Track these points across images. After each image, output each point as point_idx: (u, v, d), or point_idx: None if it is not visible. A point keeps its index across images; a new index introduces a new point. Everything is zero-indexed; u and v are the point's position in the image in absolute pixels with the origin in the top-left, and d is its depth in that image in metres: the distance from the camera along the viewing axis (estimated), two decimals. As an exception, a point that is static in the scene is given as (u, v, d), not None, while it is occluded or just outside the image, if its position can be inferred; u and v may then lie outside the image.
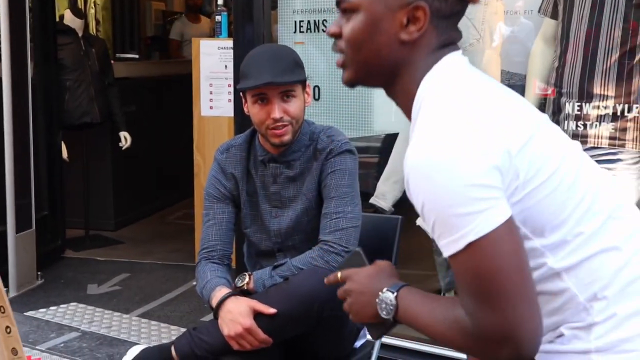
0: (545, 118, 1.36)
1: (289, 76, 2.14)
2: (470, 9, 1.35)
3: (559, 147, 1.29)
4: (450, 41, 1.31)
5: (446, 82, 1.27)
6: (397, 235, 2.41)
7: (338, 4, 1.36)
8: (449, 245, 1.18)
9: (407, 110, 1.33)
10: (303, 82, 2.21)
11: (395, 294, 1.31)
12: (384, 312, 1.31)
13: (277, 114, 2.14)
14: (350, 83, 1.39)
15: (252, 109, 2.20)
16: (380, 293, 1.32)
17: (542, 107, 2.90)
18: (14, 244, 4.16)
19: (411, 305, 1.29)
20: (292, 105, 2.17)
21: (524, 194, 1.20)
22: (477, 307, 1.16)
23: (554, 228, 1.23)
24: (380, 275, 1.39)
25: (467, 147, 1.16)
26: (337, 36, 1.36)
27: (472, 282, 1.17)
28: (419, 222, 3.19)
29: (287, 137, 2.19)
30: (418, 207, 1.21)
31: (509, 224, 1.17)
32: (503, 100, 1.28)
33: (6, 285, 4.14)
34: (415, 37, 1.27)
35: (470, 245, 1.15)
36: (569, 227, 1.24)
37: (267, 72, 2.11)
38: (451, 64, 1.30)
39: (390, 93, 1.37)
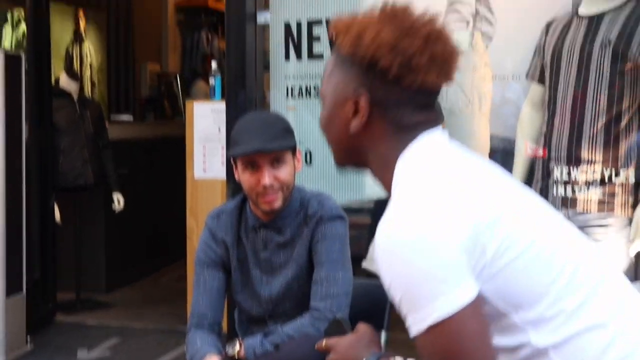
0: (525, 191, 1.37)
1: (278, 143, 2.16)
2: (459, 75, 1.38)
3: (535, 222, 1.29)
4: (419, 123, 1.34)
5: (417, 164, 1.30)
6: (388, 301, 2.40)
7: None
8: (413, 326, 1.19)
9: (389, 193, 1.36)
10: (293, 149, 2.23)
11: None
12: None
13: (267, 180, 2.15)
14: (336, 164, 1.47)
15: (243, 176, 2.21)
16: None
17: (532, 170, 2.93)
18: (3, 308, 4.12)
19: None
20: (282, 171, 2.18)
21: (495, 270, 1.20)
22: None
23: (533, 303, 1.22)
24: (359, 344, 1.43)
25: (433, 228, 1.18)
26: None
27: None
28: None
29: (277, 204, 2.20)
30: (385, 285, 1.23)
31: (474, 305, 1.17)
32: (476, 179, 1.29)
33: (-5, 350, 4.09)
34: (360, 126, 1.33)
35: (433, 327, 1.17)
36: (549, 302, 1.23)
37: (257, 139, 2.13)
38: (425, 145, 1.32)
39: (372, 175, 1.41)
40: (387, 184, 1.36)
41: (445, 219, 1.19)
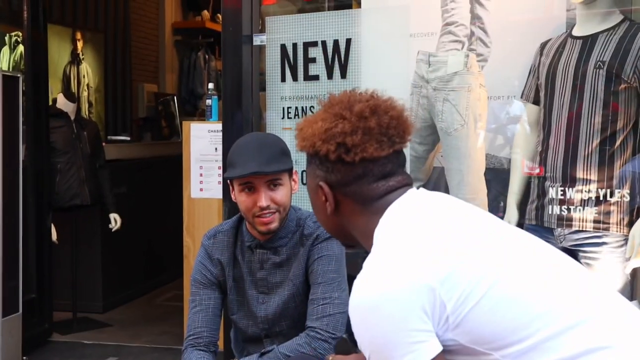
0: (491, 228, 1.41)
1: (275, 165, 2.17)
2: (454, 95, 1.43)
3: (501, 261, 1.32)
4: (383, 192, 1.44)
5: (383, 233, 1.40)
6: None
7: None
8: None
9: None
10: (290, 170, 2.24)
11: None
12: None
13: (263, 202, 2.16)
14: (344, 247, 1.68)
15: (239, 197, 2.22)
16: None
17: (527, 189, 2.95)
18: (0, 327, 4.10)
19: None
20: (278, 193, 2.19)
21: (460, 318, 1.27)
22: None
23: (508, 340, 1.26)
24: None
25: (390, 294, 1.26)
26: None
27: None
28: None
29: (274, 225, 2.21)
30: (358, 342, 1.32)
31: None
32: (433, 236, 1.35)
33: (-10, 370, 4.08)
34: (332, 210, 1.48)
35: None
36: (524, 335, 1.25)
37: (254, 162, 2.14)
38: (390, 214, 1.42)
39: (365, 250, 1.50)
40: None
41: (402, 284, 1.27)
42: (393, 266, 1.30)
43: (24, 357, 4.35)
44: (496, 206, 3.06)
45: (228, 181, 2.29)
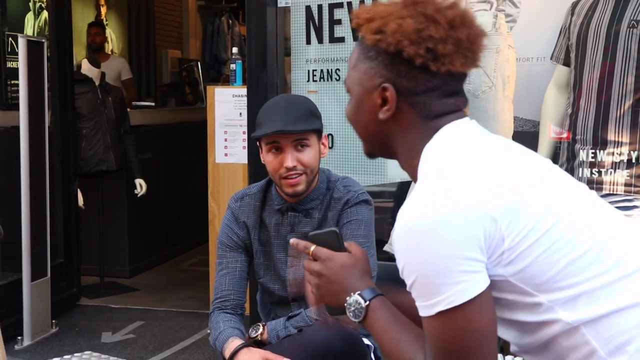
0: (550, 169, 1.35)
1: (301, 125, 2.14)
2: (482, 57, 1.37)
3: (558, 202, 1.27)
4: (447, 110, 1.34)
5: (440, 153, 1.31)
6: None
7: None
8: (422, 309, 1.22)
9: (416, 180, 1.37)
10: (318, 132, 2.21)
11: (367, 302, 1.32)
12: (351, 314, 1.33)
13: (289, 162, 2.15)
14: (366, 154, 1.48)
15: (267, 158, 2.21)
16: (352, 293, 1.33)
17: (557, 153, 2.90)
18: (29, 292, 4.16)
19: (379, 322, 1.31)
20: (305, 154, 2.17)
21: (515, 255, 1.21)
22: None
23: (558, 283, 1.22)
24: (355, 269, 1.38)
25: (449, 219, 1.19)
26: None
27: (438, 346, 1.21)
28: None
29: (300, 187, 2.19)
30: (399, 266, 1.24)
31: (484, 297, 1.19)
32: (497, 166, 1.28)
33: (20, 333, 4.14)
34: (388, 115, 1.33)
35: (441, 314, 1.19)
36: (576, 281, 1.22)
37: (280, 121, 2.12)
38: (449, 134, 1.32)
39: (400, 165, 1.42)
40: (413, 172, 1.36)
41: (462, 210, 1.19)
42: (453, 189, 1.22)
43: (53, 320, 4.41)
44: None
45: (257, 142, 2.27)
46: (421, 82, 1.31)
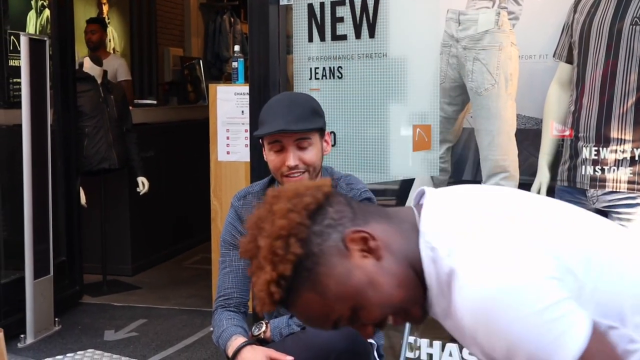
0: (559, 205, 1.33)
1: (303, 124, 2.14)
2: (485, 54, 1.36)
3: (590, 232, 1.25)
4: (379, 210, 1.31)
5: (451, 225, 1.22)
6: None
7: None
8: None
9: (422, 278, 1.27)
10: (320, 130, 2.21)
11: None
12: None
13: (291, 161, 2.14)
14: (426, 315, 1.32)
15: (269, 156, 2.20)
16: None
17: (559, 150, 2.90)
18: (31, 290, 4.16)
19: None
20: (307, 153, 2.17)
21: (590, 288, 1.16)
22: None
23: (630, 309, 1.18)
24: None
25: (518, 275, 1.11)
26: (375, 327, 1.29)
27: None
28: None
29: (302, 185, 2.19)
30: (501, 353, 1.13)
31: (595, 330, 1.11)
32: (512, 206, 1.25)
33: (23, 331, 4.14)
34: (379, 243, 1.23)
35: None
36: None
37: (282, 120, 2.12)
38: (433, 208, 1.26)
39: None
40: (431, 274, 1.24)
41: (532, 256, 1.13)
42: (510, 241, 1.14)
43: (56, 318, 4.42)
44: (527, 167, 3.02)
45: (260, 140, 2.27)
46: (342, 207, 1.26)
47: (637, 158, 2.60)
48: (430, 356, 3.05)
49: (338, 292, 1.21)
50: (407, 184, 3.34)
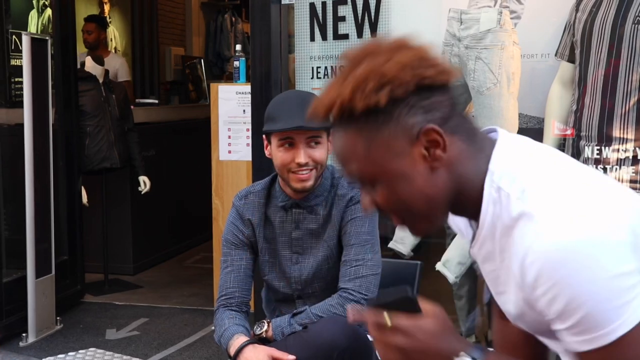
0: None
1: (317, 122, 2.14)
2: (487, 53, 1.35)
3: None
4: (473, 129, 1.23)
5: (526, 174, 1.18)
6: (416, 281, 2.39)
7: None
8: (594, 340, 1.10)
9: (473, 214, 1.23)
10: (328, 130, 2.21)
11: None
12: None
13: (302, 159, 2.15)
14: (428, 233, 1.28)
15: (277, 152, 2.20)
16: (455, 358, 1.16)
17: (561, 149, 2.89)
18: (33, 289, 4.16)
19: None
20: (317, 151, 2.18)
21: None
22: None
23: None
24: (446, 334, 1.18)
25: (601, 233, 1.09)
26: (376, 207, 1.25)
27: None
28: (438, 266, 3.17)
29: (309, 183, 2.19)
30: (558, 305, 1.11)
31: None
32: (588, 171, 1.22)
33: (25, 330, 4.15)
34: (445, 157, 1.18)
35: (623, 337, 1.09)
36: None
37: (298, 117, 2.10)
38: (513, 150, 1.21)
39: (456, 211, 1.27)
40: (473, 205, 1.21)
41: (605, 223, 1.10)
42: (587, 203, 1.11)
43: (58, 317, 4.42)
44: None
45: (264, 136, 2.26)
46: (445, 104, 1.19)
47: (639, 157, 2.60)
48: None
49: (377, 160, 1.18)
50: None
